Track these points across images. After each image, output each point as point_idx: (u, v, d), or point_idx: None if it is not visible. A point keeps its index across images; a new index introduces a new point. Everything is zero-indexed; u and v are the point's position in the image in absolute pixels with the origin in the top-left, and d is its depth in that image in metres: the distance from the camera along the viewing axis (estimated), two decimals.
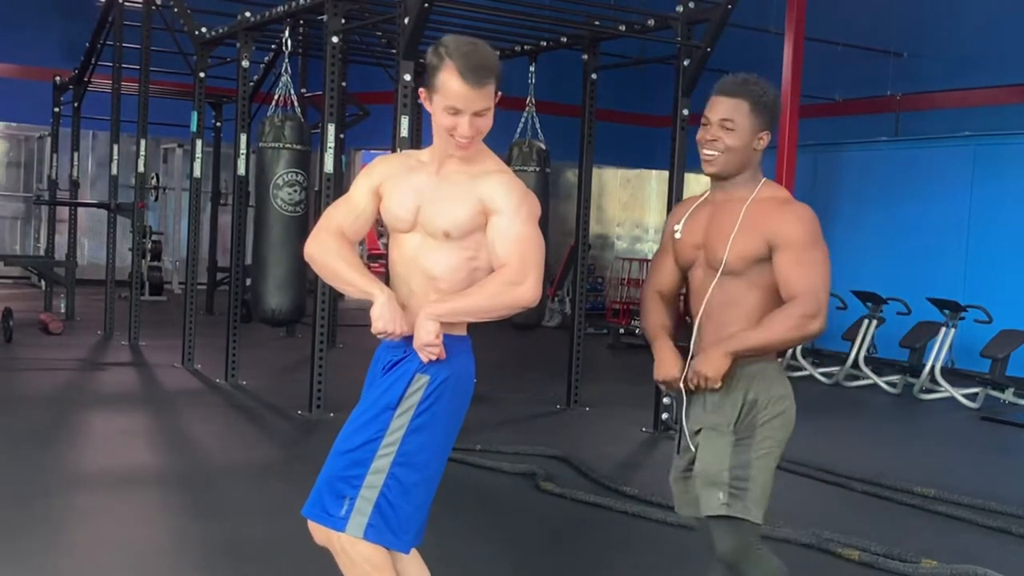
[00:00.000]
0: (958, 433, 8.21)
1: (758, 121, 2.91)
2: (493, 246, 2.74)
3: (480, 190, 2.75)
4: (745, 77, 2.97)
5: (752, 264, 2.87)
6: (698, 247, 2.98)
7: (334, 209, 2.96)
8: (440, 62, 2.66)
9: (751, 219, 2.87)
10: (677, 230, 3.04)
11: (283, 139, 7.68)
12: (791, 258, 2.83)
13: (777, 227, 2.84)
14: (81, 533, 4.57)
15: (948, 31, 13.21)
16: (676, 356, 2.97)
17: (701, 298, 2.97)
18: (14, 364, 8.92)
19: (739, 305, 2.90)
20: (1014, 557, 4.73)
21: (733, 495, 2.82)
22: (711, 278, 2.93)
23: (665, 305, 3.11)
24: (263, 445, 6.52)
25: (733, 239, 2.86)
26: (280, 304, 7.79)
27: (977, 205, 10.74)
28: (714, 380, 2.82)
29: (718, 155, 2.91)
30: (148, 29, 9.96)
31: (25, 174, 17.84)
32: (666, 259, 3.11)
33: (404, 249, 2.83)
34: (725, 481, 2.83)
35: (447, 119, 2.69)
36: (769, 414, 2.88)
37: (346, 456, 2.81)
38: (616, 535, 4.85)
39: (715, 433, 2.89)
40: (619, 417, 7.67)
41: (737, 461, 2.84)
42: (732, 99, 2.92)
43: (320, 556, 4.39)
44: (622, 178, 17.90)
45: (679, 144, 7.28)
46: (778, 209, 2.89)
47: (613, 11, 8.21)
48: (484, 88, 2.66)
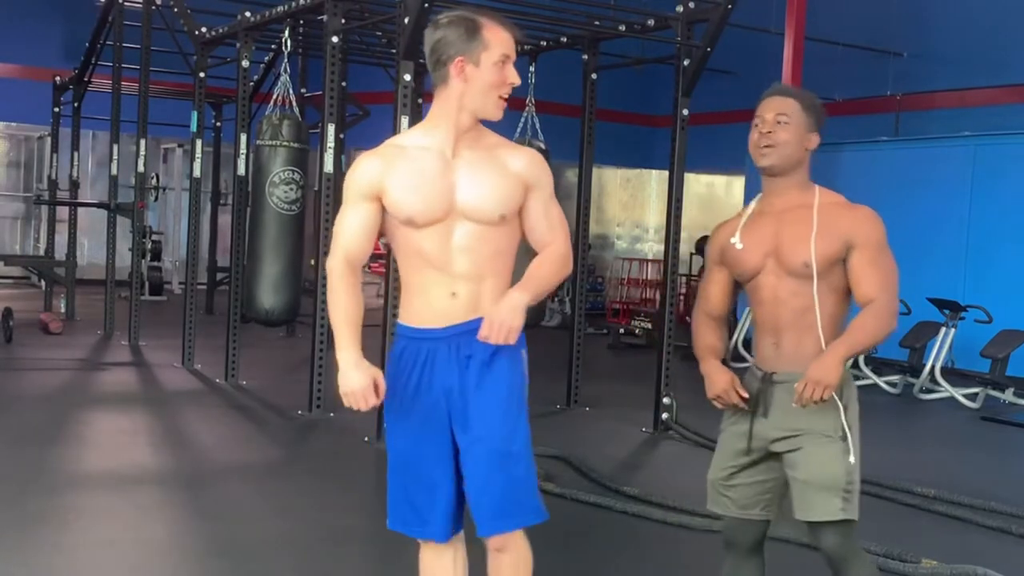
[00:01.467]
0: (958, 433, 8.21)
1: (808, 120, 2.98)
2: (538, 222, 2.81)
3: (514, 166, 2.78)
4: (787, 85, 3.11)
5: (831, 266, 2.91)
6: (768, 255, 2.98)
7: (340, 231, 2.82)
8: (473, 23, 2.69)
9: (826, 221, 2.92)
10: (736, 241, 3.03)
11: (280, 137, 7.67)
12: (867, 257, 2.90)
13: (854, 227, 2.92)
14: (81, 533, 4.57)
15: (948, 31, 13.21)
16: (726, 372, 3.02)
17: (776, 307, 2.98)
18: (14, 364, 8.92)
19: (819, 311, 2.92)
20: (1014, 557, 4.73)
21: (846, 499, 2.88)
22: (787, 285, 2.95)
23: (716, 327, 3.15)
24: (263, 445, 6.52)
25: (815, 241, 2.90)
26: (274, 304, 7.76)
27: (977, 205, 10.73)
28: (834, 387, 2.82)
29: (774, 148, 2.95)
30: (148, 29, 9.96)
31: (25, 174, 17.84)
32: (717, 277, 3.14)
33: (440, 240, 2.74)
34: (842, 487, 2.87)
35: (497, 74, 2.71)
36: (853, 412, 2.95)
37: (517, 455, 2.79)
38: (616, 535, 4.85)
39: (825, 440, 2.89)
40: (619, 417, 7.66)
41: (851, 466, 2.89)
42: (784, 98, 2.99)
43: (320, 556, 4.40)
44: (622, 178, 17.91)
45: (679, 144, 7.27)
46: (851, 211, 2.96)
47: (613, 11, 8.20)
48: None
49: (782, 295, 2.96)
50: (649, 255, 16.97)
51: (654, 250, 17.11)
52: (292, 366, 9.33)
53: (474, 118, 2.77)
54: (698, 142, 9.10)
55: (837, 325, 2.94)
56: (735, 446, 3.05)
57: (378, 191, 2.75)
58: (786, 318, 2.96)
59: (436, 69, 2.74)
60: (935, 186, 11.13)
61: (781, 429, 2.95)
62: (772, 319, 2.99)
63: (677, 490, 5.46)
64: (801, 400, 2.81)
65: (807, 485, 2.90)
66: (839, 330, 2.93)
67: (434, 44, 2.72)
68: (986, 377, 9.17)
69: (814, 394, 2.79)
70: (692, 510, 5.07)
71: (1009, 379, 9.14)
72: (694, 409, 7.64)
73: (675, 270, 7.60)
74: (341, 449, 6.34)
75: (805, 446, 2.91)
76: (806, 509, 2.91)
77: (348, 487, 5.57)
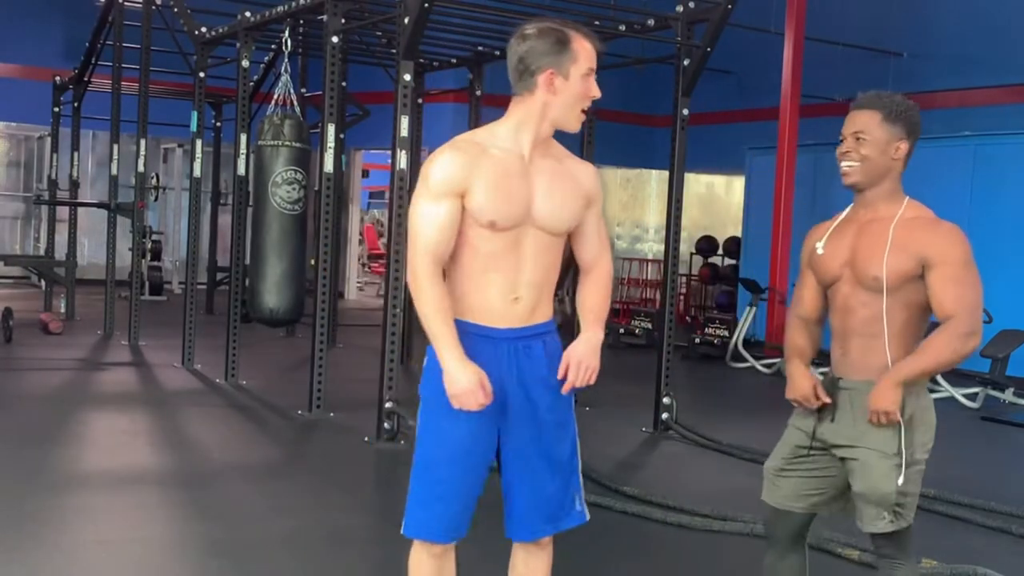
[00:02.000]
0: (958, 433, 8.21)
1: (893, 130, 2.96)
2: (591, 237, 2.88)
3: (583, 180, 2.84)
4: (879, 92, 3.03)
5: (904, 282, 2.90)
6: (844, 264, 3.01)
7: (421, 228, 2.68)
8: (564, 35, 2.72)
9: (902, 237, 2.91)
10: (819, 247, 3.08)
11: (282, 137, 7.67)
12: (945, 275, 2.87)
13: (931, 246, 2.89)
14: (80, 533, 4.57)
15: (948, 31, 13.20)
16: (808, 376, 3.05)
17: (846, 315, 3.01)
18: (14, 364, 8.92)
19: (887, 323, 2.93)
20: (1014, 557, 4.73)
21: (898, 513, 2.91)
22: (858, 295, 2.97)
23: (807, 329, 3.18)
24: (263, 445, 6.52)
25: (888, 257, 2.90)
26: (278, 304, 7.77)
27: (977, 205, 10.74)
28: (894, 414, 2.86)
29: (855, 165, 2.97)
30: (148, 29, 9.96)
31: (25, 174, 17.83)
32: (808, 281, 3.17)
33: (512, 245, 2.73)
34: (891, 503, 2.90)
35: (583, 86, 2.74)
36: (922, 425, 2.96)
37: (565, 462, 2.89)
38: (616, 535, 4.85)
39: (878, 455, 2.92)
40: (619, 417, 7.66)
41: (903, 483, 2.91)
42: (864, 111, 2.98)
43: (320, 556, 4.40)
44: (622, 178, 17.88)
45: (679, 144, 7.27)
46: (931, 228, 2.94)
47: (613, 11, 8.20)
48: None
49: (853, 304, 2.98)
50: (649, 255, 16.96)
51: (654, 250, 17.09)
52: (292, 366, 9.33)
53: (554, 128, 2.79)
54: (698, 142, 9.11)
55: (908, 339, 2.94)
56: (796, 440, 3.10)
57: (463, 189, 2.67)
58: (854, 326, 2.98)
59: (522, 78, 2.73)
60: (935, 186, 11.12)
61: (843, 436, 2.99)
62: (841, 326, 3.02)
63: (677, 490, 5.47)
64: (870, 421, 2.90)
65: (860, 497, 2.95)
66: (911, 344, 2.94)
67: (523, 54, 2.72)
68: (986, 377, 9.17)
69: (878, 420, 2.87)
70: (692, 510, 5.08)
71: (1009, 379, 9.14)
72: (694, 409, 7.65)
73: (675, 270, 7.60)
74: (341, 449, 6.34)
75: (861, 458, 2.95)
76: (860, 518, 2.98)
77: (348, 487, 5.56)
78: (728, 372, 10.60)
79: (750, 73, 14.72)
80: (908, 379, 2.87)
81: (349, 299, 16.55)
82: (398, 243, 6.47)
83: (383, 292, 6.78)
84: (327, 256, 7.37)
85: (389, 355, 6.45)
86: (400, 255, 6.61)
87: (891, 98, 2.99)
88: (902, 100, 3.00)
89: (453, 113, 14.32)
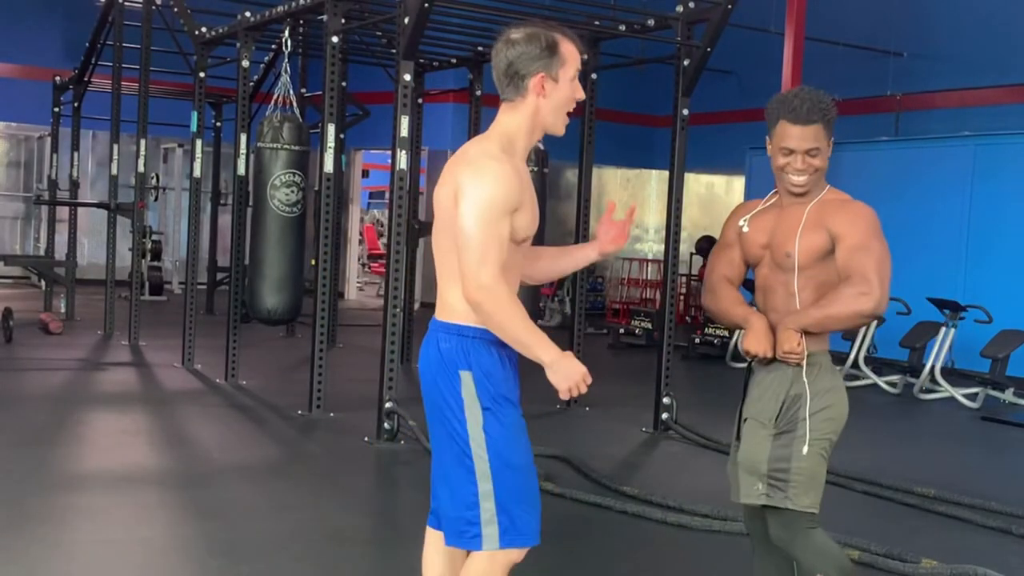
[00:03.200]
0: (958, 433, 8.21)
1: (830, 134, 3.08)
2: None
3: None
4: (807, 96, 3.03)
5: (817, 260, 3.00)
6: (764, 247, 3.12)
7: (493, 245, 2.62)
8: (552, 39, 2.74)
9: (815, 217, 3.02)
10: (744, 224, 3.19)
11: (281, 140, 7.68)
12: (852, 245, 2.96)
13: (840, 222, 2.99)
14: (81, 533, 4.57)
15: (948, 31, 13.20)
16: (768, 330, 3.04)
17: (766, 294, 3.13)
18: (14, 364, 8.92)
19: (799, 301, 3.03)
20: (1014, 557, 4.73)
21: (772, 486, 2.95)
22: (777, 275, 3.08)
23: (735, 288, 3.25)
24: (263, 445, 6.52)
25: (800, 236, 3.00)
26: (276, 304, 7.80)
27: (977, 205, 10.73)
28: (793, 350, 2.93)
29: (808, 178, 3.05)
30: (148, 29, 9.95)
31: (25, 174, 17.82)
32: (731, 252, 3.24)
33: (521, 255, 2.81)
34: (764, 472, 2.96)
35: (571, 89, 2.77)
36: (815, 407, 2.99)
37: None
38: (616, 535, 4.85)
39: (756, 424, 3.02)
40: (619, 417, 7.66)
41: (776, 454, 2.96)
42: (812, 126, 3.02)
43: (320, 556, 4.40)
44: (622, 178, 17.90)
45: (679, 144, 7.27)
46: (842, 206, 3.04)
47: (613, 11, 8.20)
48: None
49: (772, 283, 3.10)
50: (649, 255, 16.96)
51: (654, 250, 17.10)
52: (292, 366, 9.33)
53: (543, 133, 2.78)
54: (698, 142, 9.11)
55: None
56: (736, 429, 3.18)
57: (518, 206, 2.67)
58: (774, 305, 3.09)
59: (511, 83, 2.72)
60: (935, 186, 11.13)
61: (745, 414, 3.11)
62: (762, 306, 3.14)
63: (677, 490, 5.47)
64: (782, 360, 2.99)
65: (739, 466, 3.04)
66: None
67: (513, 59, 2.70)
68: (986, 377, 9.17)
69: (785, 359, 2.95)
70: (692, 510, 5.08)
71: (1009, 379, 9.14)
72: (694, 409, 7.65)
73: (675, 270, 7.61)
74: (341, 449, 6.34)
75: (745, 430, 3.06)
76: (740, 491, 3.04)
77: (348, 487, 5.56)
78: (728, 372, 10.59)
79: (750, 73, 14.71)
80: (804, 326, 2.95)
81: (349, 299, 16.54)
82: (398, 243, 6.47)
83: (383, 292, 6.78)
84: (327, 256, 7.38)
85: (389, 355, 6.45)
86: (400, 255, 6.61)
87: (822, 102, 3.02)
88: (826, 99, 3.05)
89: (453, 113, 14.33)
